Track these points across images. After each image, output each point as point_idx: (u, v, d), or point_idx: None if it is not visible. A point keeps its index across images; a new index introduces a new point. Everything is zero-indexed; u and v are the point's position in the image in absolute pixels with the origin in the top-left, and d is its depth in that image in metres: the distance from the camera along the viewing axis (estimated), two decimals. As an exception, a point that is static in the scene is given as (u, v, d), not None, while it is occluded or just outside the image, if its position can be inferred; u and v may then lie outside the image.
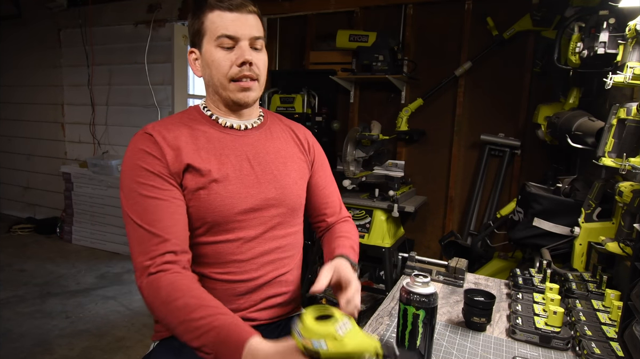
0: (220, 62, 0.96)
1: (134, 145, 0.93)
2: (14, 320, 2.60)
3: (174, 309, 0.79)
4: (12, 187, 4.94)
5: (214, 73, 0.97)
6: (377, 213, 2.71)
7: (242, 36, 0.95)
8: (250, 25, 0.97)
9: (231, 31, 0.95)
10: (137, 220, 0.87)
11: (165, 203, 0.89)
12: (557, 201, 1.71)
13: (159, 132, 0.94)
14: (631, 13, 1.19)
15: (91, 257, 3.77)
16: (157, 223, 0.87)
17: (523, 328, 0.95)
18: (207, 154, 0.96)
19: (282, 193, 1.03)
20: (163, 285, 0.82)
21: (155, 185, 0.90)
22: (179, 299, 0.80)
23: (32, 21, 4.45)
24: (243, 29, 0.95)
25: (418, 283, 0.80)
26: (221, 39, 0.95)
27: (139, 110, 4.00)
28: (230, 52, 0.96)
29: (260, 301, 1.02)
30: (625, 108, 1.19)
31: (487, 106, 2.91)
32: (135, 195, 0.89)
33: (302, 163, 1.12)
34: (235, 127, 1.03)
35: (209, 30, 0.96)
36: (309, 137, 1.17)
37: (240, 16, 0.95)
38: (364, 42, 2.95)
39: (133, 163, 0.91)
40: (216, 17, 0.95)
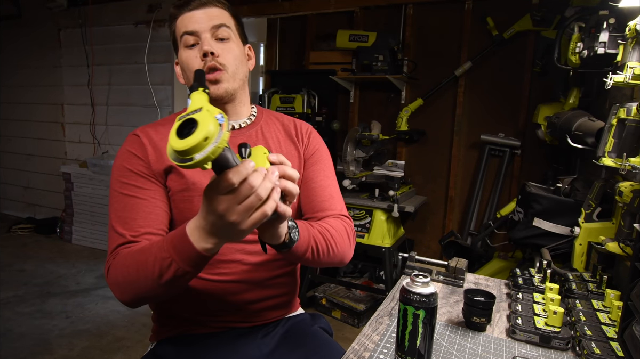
0: (187, 60, 0.96)
1: (122, 147, 0.97)
2: (14, 320, 2.60)
3: (130, 268, 0.80)
4: (12, 187, 4.94)
5: (187, 73, 0.98)
6: (377, 213, 2.72)
7: (200, 29, 0.95)
8: (210, 16, 0.96)
9: (189, 27, 0.96)
10: (114, 217, 0.90)
11: (144, 202, 0.91)
12: (557, 201, 1.71)
13: (146, 133, 0.97)
14: (631, 13, 1.19)
15: (91, 257, 3.77)
16: (132, 223, 0.88)
17: (523, 328, 0.95)
18: None
19: None
20: (118, 257, 0.85)
21: (136, 184, 0.92)
22: (128, 255, 0.82)
23: (32, 21, 4.45)
24: (201, 22, 0.95)
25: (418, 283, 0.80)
26: (184, 38, 0.96)
27: (139, 110, 4.00)
28: (194, 49, 0.96)
29: (255, 301, 1.01)
30: (625, 108, 1.19)
31: (487, 106, 2.91)
32: (116, 194, 0.92)
33: (296, 160, 1.05)
34: None
35: (177, 36, 0.99)
36: (305, 130, 1.10)
37: (199, 12, 0.96)
38: (364, 42, 2.95)
39: (119, 163, 0.95)
40: (179, 21, 0.98)
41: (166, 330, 1.03)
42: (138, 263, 0.78)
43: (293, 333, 1.06)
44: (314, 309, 2.87)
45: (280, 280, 1.05)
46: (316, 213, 1.02)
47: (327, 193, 1.04)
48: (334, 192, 1.06)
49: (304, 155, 1.07)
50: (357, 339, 0.94)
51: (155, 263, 0.74)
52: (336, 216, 1.02)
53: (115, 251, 0.87)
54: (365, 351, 0.89)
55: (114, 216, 0.91)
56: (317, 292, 2.91)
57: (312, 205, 1.03)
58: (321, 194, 1.03)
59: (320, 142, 1.12)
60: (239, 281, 0.98)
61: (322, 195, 1.03)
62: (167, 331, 1.02)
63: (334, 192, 1.06)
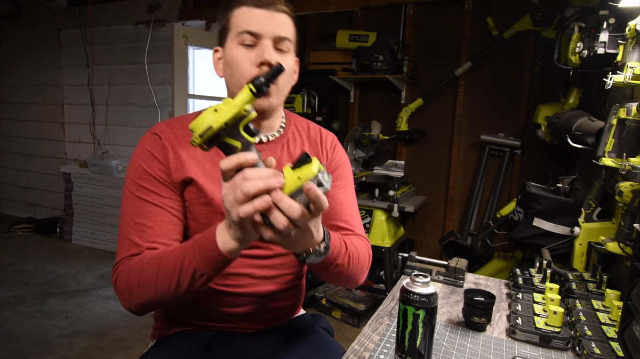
0: (239, 61, 0.88)
1: (141, 144, 0.91)
2: (14, 320, 2.60)
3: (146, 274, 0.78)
4: (12, 187, 4.94)
5: (233, 72, 0.90)
6: (377, 213, 2.72)
7: (264, 33, 0.88)
8: (277, 23, 0.89)
9: (254, 27, 0.87)
10: (129, 222, 0.86)
11: (161, 211, 0.87)
12: (557, 201, 1.71)
13: (167, 135, 0.91)
14: (631, 13, 1.19)
15: (91, 257, 3.77)
16: (147, 230, 0.85)
17: (523, 328, 0.95)
18: (211, 166, 0.91)
19: None
20: (128, 265, 0.82)
21: (155, 190, 0.88)
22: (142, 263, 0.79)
23: (32, 21, 4.45)
24: (267, 27, 0.88)
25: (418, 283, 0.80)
26: (243, 36, 0.88)
27: (139, 110, 4.00)
28: (250, 51, 0.88)
29: (261, 312, 1.00)
30: (625, 108, 1.19)
31: (487, 106, 2.91)
32: (132, 197, 0.88)
33: None
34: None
35: (233, 27, 0.90)
36: (330, 143, 1.07)
37: (267, 13, 0.88)
38: (364, 42, 2.95)
39: (137, 163, 0.89)
40: (242, 13, 0.89)
41: (167, 330, 1.02)
42: (159, 264, 0.77)
43: (294, 333, 1.06)
44: (314, 309, 2.87)
45: (287, 294, 1.04)
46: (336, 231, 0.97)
47: (347, 212, 1.02)
48: (354, 211, 1.04)
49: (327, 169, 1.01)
50: (357, 339, 0.94)
51: (177, 262, 0.74)
52: (358, 235, 1.00)
53: (127, 258, 0.84)
54: (365, 351, 0.89)
55: (129, 220, 0.86)
56: (317, 292, 2.91)
57: (333, 223, 0.99)
58: (342, 212, 1.00)
59: (344, 156, 1.09)
60: (247, 294, 0.97)
61: (343, 213, 1.00)
62: (167, 330, 1.02)
63: (354, 211, 1.04)
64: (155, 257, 0.79)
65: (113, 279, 0.84)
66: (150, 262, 0.78)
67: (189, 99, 3.38)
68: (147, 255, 0.81)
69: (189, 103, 3.37)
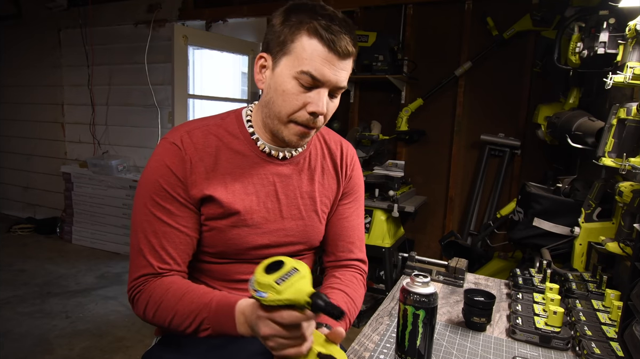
0: (291, 98, 0.83)
1: (160, 156, 0.87)
2: (14, 320, 2.60)
3: (165, 306, 0.82)
4: (12, 187, 4.94)
5: (279, 103, 0.84)
6: (377, 213, 2.71)
7: (327, 83, 0.82)
8: (343, 71, 0.84)
9: (319, 74, 0.80)
10: (143, 239, 0.86)
11: (175, 231, 0.86)
12: (557, 201, 1.71)
13: (188, 146, 0.87)
14: (631, 13, 1.19)
15: (91, 257, 3.77)
16: (160, 251, 0.86)
17: (523, 328, 0.95)
18: (232, 180, 0.89)
19: (304, 230, 0.97)
20: (152, 288, 0.84)
21: (171, 209, 0.86)
22: (166, 293, 0.82)
23: (32, 21, 4.45)
24: (332, 75, 0.82)
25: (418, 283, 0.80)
26: (305, 76, 0.81)
27: (139, 110, 4.00)
28: (305, 92, 0.83)
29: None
30: (625, 108, 1.19)
31: (487, 106, 2.91)
32: (148, 213, 0.86)
33: (334, 193, 1.02)
34: (274, 155, 0.93)
35: (295, 54, 0.81)
36: (350, 160, 1.04)
37: (336, 59, 0.81)
38: (364, 42, 2.95)
39: (154, 178, 0.86)
40: (311, 47, 0.80)
41: None
42: (177, 304, 0.81)
43: None
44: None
45: None
46: (340, 253, 1.04)
47: (355, 235, 1.05)
48: (362, 234, 1.08)
49: (344, 188, 1.03)
50: (357, 339, 0.94)
51: (193, 322, 0.80)
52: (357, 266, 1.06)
53: (142, 278, 0.85)
54: (365, 351, 0.89)
55: (142, 237, 0.86)
56: (317, 292, 2.91)
57: (339, 244, 1.04)
58: (351, 235, 1.04)
59: (360, 175, 1.08)
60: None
61: (351, 236, 1.04)
62: None
63: (362, 234, 1.08)
64: (176, 296, 0.82)
65: (131, 294, 0.86)
66: (171, 299, 0.82)
67: (189, 99, 3.38)
68: (169, 287, 0.83)
69: (189, 103, 3.37)
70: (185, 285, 0.84)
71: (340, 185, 1.03)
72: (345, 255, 1.05)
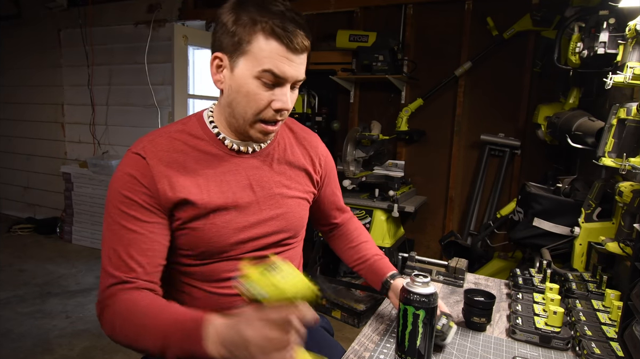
0: (257, 99, 0.84)
1: (122, 167, 0.85)
2: (14, 320, 2.60)
3: (131, 327, 0.77)
4: (12, 187, 4.94)
5: (243, 104, 0.85)
6: (377, 213, 2.71)
7: (289, 79, 0.84)
8: (300, 65, 0.85)
9: (280, 71, 0.82)
10: (110, 252, 0.82)
11: (142, 237, 0.83)
12: (557, 201, 1.71)
13: (153, 154, 0.85)
14: (631, 13, 1.19)
15: (91, 257, 3.77)
16: (128, 260, 0.81)
17: (523, 328, 0.95)
18: (205, 181, 0.88)
19: (284, 218, 0.98)
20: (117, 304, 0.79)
21: (138, 216, 0.83)
22: (133, 314, 0.77)
23: (32, 21, 4.45)
24: (292, 71, 0.84)
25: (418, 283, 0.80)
26: (265, 74, 0.82)
27: (139, 110, 4.00)
28: (268, 90, 0.84)
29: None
30: (625, 108, 1.19)
31: (487, 106, 2.91)
32: (113, 223, 0.83)
33: (309, 181, 1.05)
34: (243, 151, 0.94)
35: (253, 55, 0.81)
36: (320, 151, 1.09)
37: (293, 56, 0.83)
38: (364, 42, 2.95)
39: (118, 187, 0.84)
40: (268, 46, 0.81)
41: None
42: (138, 328, 0.75)
43: None
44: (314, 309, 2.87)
45: None
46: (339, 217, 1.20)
47: (340, 199, 1.20)
48: (341, 198, 1.22)
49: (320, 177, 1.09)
50: (357, 339, 0.94)
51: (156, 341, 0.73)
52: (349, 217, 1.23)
53: (107, 291, 0.81)
54: (365, 351, 0.89)
55: (107, 248, 0.83)
56: (317, 292, 2.91)
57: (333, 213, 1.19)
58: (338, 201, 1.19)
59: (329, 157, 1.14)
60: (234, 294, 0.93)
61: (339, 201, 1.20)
62: None
63: (341, 198, 1.22)
64: (142, 315, 0.76)
65: (98, 310, 0.82)
66: (135, 318, 0.76)
67: (189, 99, 3.38)
68: (135, 304, 0.78)
69: (189, 103, 3.37)
70: (154, 303, 0.79)
71: (315, 170, 1.06)
72: (340, 214, 1.21)
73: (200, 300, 0.92)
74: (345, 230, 1.20)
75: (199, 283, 0.92)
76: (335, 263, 3.16)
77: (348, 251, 1.17)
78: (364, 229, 1.23)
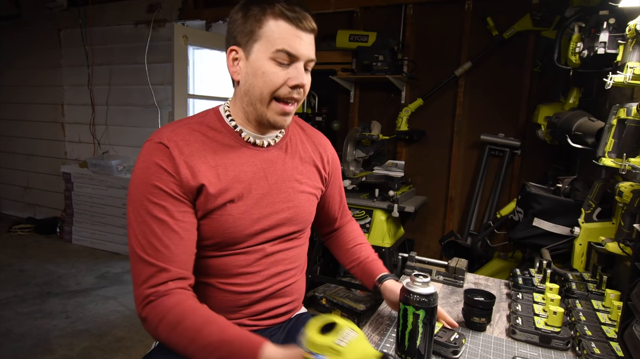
0: (273, 77, 0.87)
1: (147, 157, 0.86)
2: (14, 320, 2.60)
3: (182, 331, 0.79)
4: (12, 187, 4.94)
5: (260, 85, 0.88)
6: (377, 213, 2.71)
7: (302, 57, 0.88)
8: (310, 45, 0.90)
9: (293, 49, 0.86)
10: (144, 243, 0.83)
11: (175, 228, 0.84)
12: (557, 202, 1.71)
13: (175, 144, 0.87)
14: (631, 13, 1.19)
15: (91, 257, 3.77)
16: (163, 250, 0.83)
17: (523, 328, 0.95)
18: (224, 171, 0.91)
19: (295, 212, 1.01)
20: (167, 308, 0.80)
21: (168, 206, 0.84)
22: (185, 319, 0.79)
23: (32, 21, 4.45)
24: (304, 49, 0.88)
25: (418, 283, 0.80)
26: (281, 54, 0.86)
27: (139, 110, 4.00)
28: (284, 69, 0.88)
29: (263, 311, 1.01)
30: (625, 108, 1.19)
31: (487, 106, 2.91)
32: (144, 214, 0.83)
33: (318, 177, 1.09)
34: (258, 144, 0.97)
35: (266, 38, 0.86)
36: (328, 149, 1.13)
37: (303, 34, 0.88)
38: (364, 42, 2.95)
39: (145, 178, 0.84)
40: (279, 28, 0.86)
41: None
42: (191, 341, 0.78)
43: (296, 333, 1.06)
44: (314, 309, 2.87)
45: (292, 287, 1.05)
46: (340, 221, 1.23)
47: (342, 206, 1.23)
48: (345, 202, 1.25)
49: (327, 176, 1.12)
50: (357, 339, 0.94)
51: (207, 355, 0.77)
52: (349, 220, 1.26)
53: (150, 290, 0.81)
54: (365, 351, 0.89)
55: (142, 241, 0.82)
56: (317, 292, 2.91)
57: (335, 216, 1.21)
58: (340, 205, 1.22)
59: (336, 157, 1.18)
60: (253, 291, 0.97)
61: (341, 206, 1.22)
62: None
63: (345, 202, 1.25)
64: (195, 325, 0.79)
65: (141, 309, 0.82)
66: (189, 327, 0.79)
67: (189, 99, 3.38)
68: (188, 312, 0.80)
69: (189, 103, 3.37)
70: (206, 314, 0.82)
71: (323, 169, 1.10)
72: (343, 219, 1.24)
73: (217, 300, 0.94)
74: (342, 232, 1.23)
75: (212, 279, 0.94)
76: (335, 263, 3.17)
77: (344, 253, 1.20)
78: (361, 231, 1.25)
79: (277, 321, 1.05)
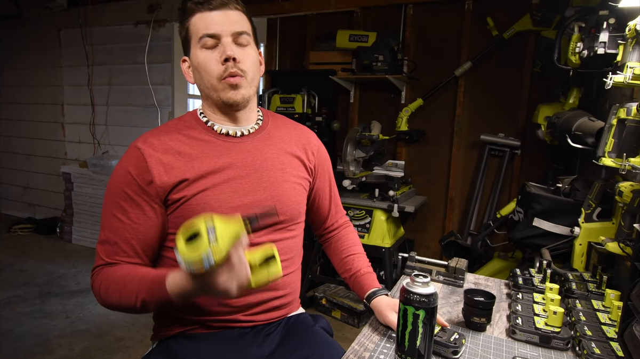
0: (205, 63, 0.95)
1: (123, 162, 0.95)
2: (14, 320, 2.60)
3: (113, 288, 0.90)
4: (12, 187, 4.94)
5: (202, 75, 0.96)
6: (377, 213, 2.72)
7: (223, 33, 0.94)
8: (232, 21, 0.95)
9: (211, 29, 0.94)
10: (102, 235, 0.94)
11: (131, 225, 0.93)
12: (557, 201, 1.71)
13: (150, 144, 0.94)
14: (631, 13, 1.19)
15: (91, 257, 3.76)
16: (114, 245, 0.93)
17: (523, 328, 0.95)
18: (199, 164, 0.95)
19: (279, 200, 1.02)
20: (101, 276, 0.92)
21: (129, 207, 0.93)
22: (113, 276, 0.91)
23: (32, 21, 4.45)
24: (223, 26, 0.94)
25: (418, 283, 0.80)
26: (203, 40, 0.94)
27: (139, 110, 4.00)
28: (214, 51, 0.95)
29: (256, 304, 1.01)
30: (625, 108, 1.19)
31: (487, 106, 2.91)
32: (107, 214, 0.94)
33: (303, 168, 1.09)
34: (232, 134, 1.01)
35: (193, 34, 0.96)
36: (312, 140, 1.15)
37: (220, 14, 0.94)
38: (364, 42, 2.95)
39: (116, 182, 0.94)
40: (198, 20, 0.95)
41: (167, 330, 1.02)
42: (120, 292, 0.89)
43: (294, 333, 1.06)
44: (314, 309, 2.87)
45: (284, 280, 1.05)
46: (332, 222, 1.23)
47: (334, 202, 1.22)
48: (338, 199, 1.24)
49: (313, 166, 1.13)
50: (357, 339, 0.94)
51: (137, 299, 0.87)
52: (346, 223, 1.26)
53: (96, 269, 0.95)
54: (365, 351, 0.89)
55: (102, 234, 0.95)
56: (317, 292, 2.91)
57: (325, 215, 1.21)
58: (332, 204, 1.22)
59: (323, 148, 1.18)
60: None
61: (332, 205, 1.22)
62: (168, 330, 1.02)
63: (338, 199, 1.24)
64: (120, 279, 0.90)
65: (91, 282, 0.96)
66: (116, 283, 0.90)
67: (189, 99, 3.38)
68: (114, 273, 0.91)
69: (188, 103, 3.37)
70: (128, 267, 0.92)
71: (307, 158, 1.11)
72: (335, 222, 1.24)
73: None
74: (337, 239, 1.23)
75: None
76: (335, 263, 3.16)
77: (338, 262, 1.21)
78: (357, 239, 1.24)
79: (272, 316, 1.05)
